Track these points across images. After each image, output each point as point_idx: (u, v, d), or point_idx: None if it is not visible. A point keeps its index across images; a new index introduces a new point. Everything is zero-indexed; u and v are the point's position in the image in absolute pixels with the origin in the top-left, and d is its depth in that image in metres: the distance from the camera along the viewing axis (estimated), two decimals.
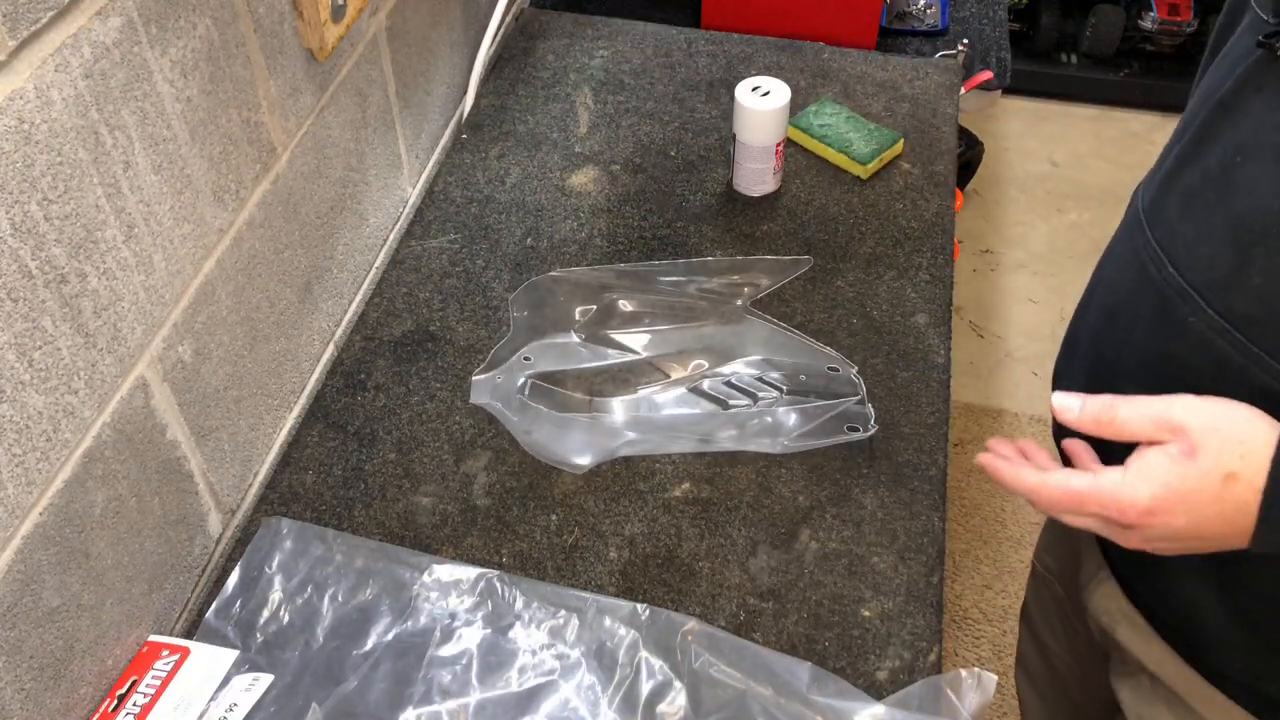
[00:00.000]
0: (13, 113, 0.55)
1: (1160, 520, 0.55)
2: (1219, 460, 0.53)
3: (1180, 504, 0.54)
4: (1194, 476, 0.53)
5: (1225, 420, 0.54)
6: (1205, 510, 0.53)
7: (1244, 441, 0.53)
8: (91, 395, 0.65)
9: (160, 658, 0.73)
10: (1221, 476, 0.53)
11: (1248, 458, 0.52)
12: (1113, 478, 0.56)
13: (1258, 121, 0.59)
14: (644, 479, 0.87)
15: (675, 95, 1.23)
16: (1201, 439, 0.53)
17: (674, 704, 0.72)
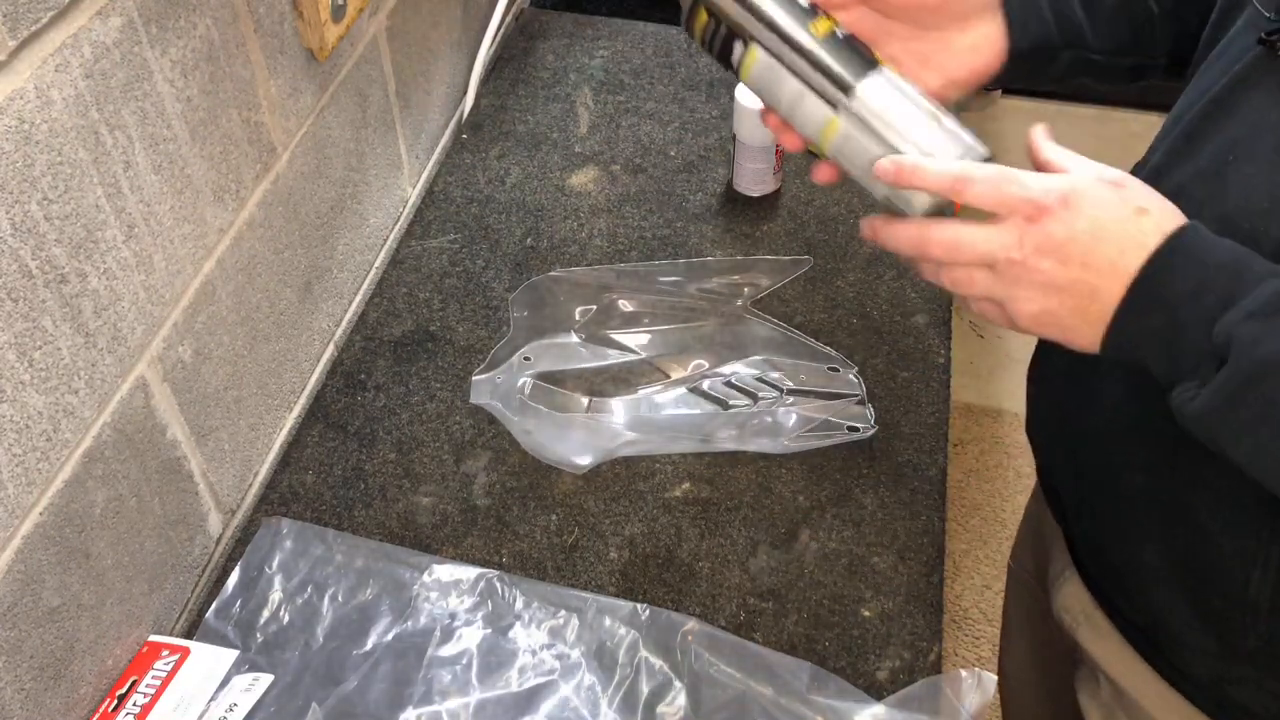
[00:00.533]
0: (13, 112, 0.55)
1: (1068, 214, 0.55)
2: (1138, 196, 0.55)
3: (1091, 204, 0.55)
4: (1112, 195, 0.55)
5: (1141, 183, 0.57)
6: (1109, 223, 0.55)
7: (1164, 203, 0.56)
8: (92, 395, 0.65)
9: (160, 658, 0.73)
10: (1134, 207, 0.55)
11: (1162, 208, 0.55)
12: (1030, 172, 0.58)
13: (1255, 119, 0.59)
14: (644, 479, 0.87)
15: (675, 95, 1.23)
16: (1128, 180, 0.56)
17: (674, 704, 0.72)
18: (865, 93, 0.62)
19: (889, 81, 0.62)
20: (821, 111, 0.63)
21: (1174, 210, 0.56)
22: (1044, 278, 0.56)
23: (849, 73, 0.62)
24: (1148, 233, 0.54)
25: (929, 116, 0.62)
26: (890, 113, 0.62)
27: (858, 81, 0.62)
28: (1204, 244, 0.54)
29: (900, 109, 0.62)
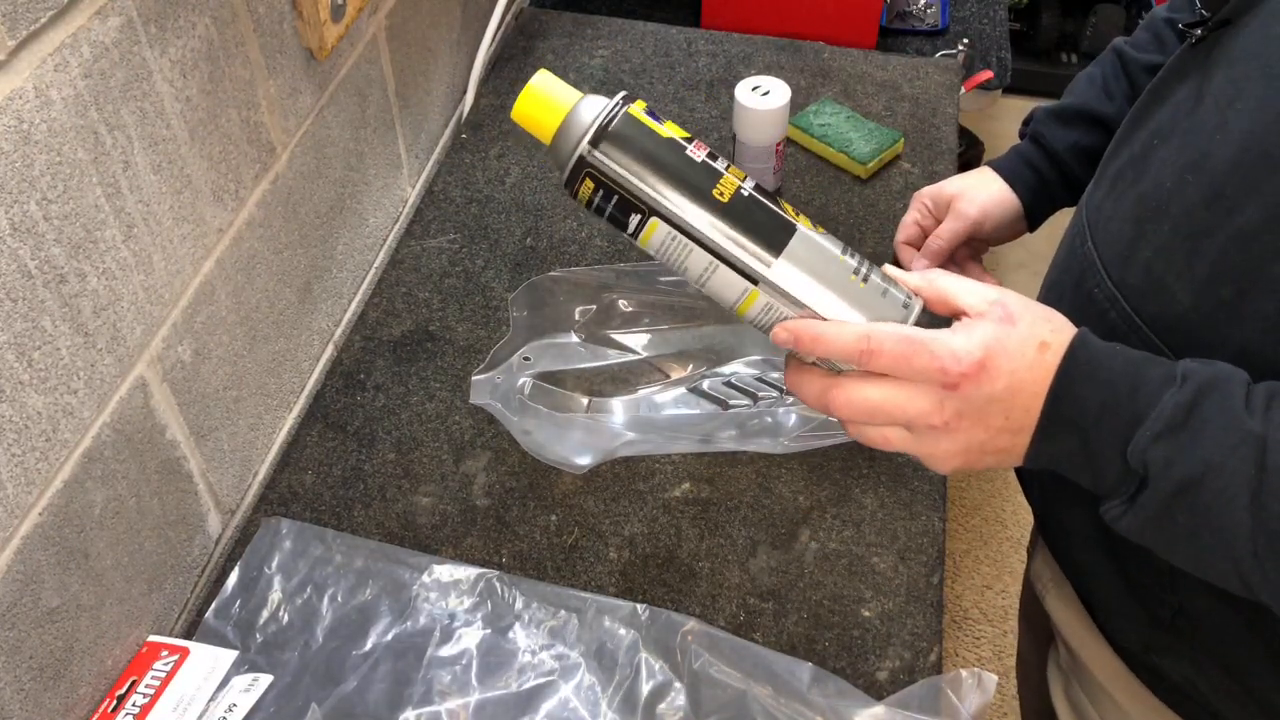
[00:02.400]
0: (12, 112, 0.55)
1: (986, 377, 0.54)
2: (1034, 329, 0.55)
3: (1005, 361, 0.54)
4: (1015, 339, 0.55)
5: (1037, 305, 0.57)
6: (1023, 374, 0.54)
7: (1051, 319, 0.56)
8: (91, 395, 0.65)
9: (160, 658, 0.73)
10: (1037, 344, 0.55)
11: (1057, 332, 0.55)
12: (944, 333, 0.56)
13: (1174, 106, 0.62)
14: (644, 479, 0.87)
15: (675, 95, 1.23)
16: (1017, 310, 0.56)
17: (674, 704, 0.72)
18: (784, 263, 0.57)
19: (808, 244, 0.58)
20: (738, 285, 0.58)
21: (1063, 323, 0.57)
22: (965, 438, 0.56)
23: (766, 246, 0.58)
24: (1052, 365, 0.55)
25: (852, 277, 0.58)
26: (810, 280, 0.57)
27: (776, 256, 0.57)
28: (1096, 359, 0.55)
29: (822, 274, 0.57)
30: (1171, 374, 0.53)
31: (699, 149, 0.59)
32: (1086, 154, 0.85)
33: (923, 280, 0.59)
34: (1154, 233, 0.60)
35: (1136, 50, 0.84)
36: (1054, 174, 0.87)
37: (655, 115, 0.60)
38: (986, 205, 0.87)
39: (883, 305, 0.58)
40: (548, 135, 0.61)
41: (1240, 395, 0.51)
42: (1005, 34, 1.54)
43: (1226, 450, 0.50)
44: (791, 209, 0.60)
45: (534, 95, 0.61)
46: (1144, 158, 0.63)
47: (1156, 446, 0.52)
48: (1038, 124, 0.89)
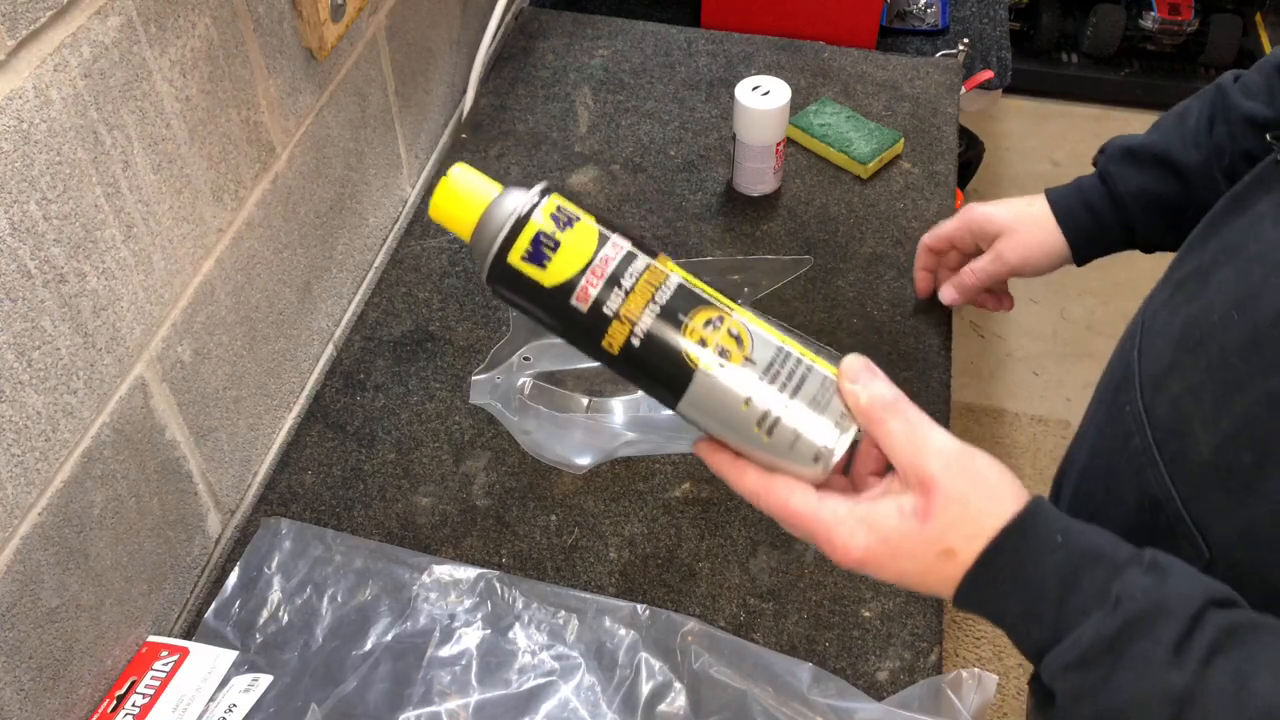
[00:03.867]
0: (12, 112, 0.55)
1: (869, 569, 0.52)
2: (945, 534, 0.50)
3: (891, 560, 0.51)
4: (915, 540, 0.50)
5: (975, 493, 0.50)
6: (911, 574, 0.51)
7: (978, 521, 0.50)
8: (90, 395, 0.65)
9: (159, 658, 0.73)
10: (941, 550, 0.50)
11: (972, 540, 0.50)
12: (835, 511, 0.52)
13: (1247, 225, 0.57)
14: (644, 479, 0.87)
15: (675, 95, 1.23)
16: (940, 507, 0.50)
17: (674, 705, 0.72)
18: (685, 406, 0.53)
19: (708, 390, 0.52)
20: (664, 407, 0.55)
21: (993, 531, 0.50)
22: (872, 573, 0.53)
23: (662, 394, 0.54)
24: (955, 574, 0.50)
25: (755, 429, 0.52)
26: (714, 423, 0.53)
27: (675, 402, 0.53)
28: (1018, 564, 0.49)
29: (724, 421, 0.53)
30: (1106, 590, 0.47)
31: (590, 285, 0.52)
32: (1156, 203, 0.79)
33: (864, 413, 0.51)
34: (1190, 367, 0.56)
35: (1244, 95, 0.74)
36: (1113, 218, 0.81)
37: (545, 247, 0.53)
38: (1030, 253, 0.84)
39: (788, 458, 0.52)
40: (466, 238, 0.56)
41: (1171, 639, 0.45)
42: (1005, 34, 1.54)
43: (1138, 704, 0.46)
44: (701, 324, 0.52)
45: (448, 192, 0.55)
46: (1205, 275, 0.59)
47: (1066, 676, 0.48)
48: (1108, 160, 0.82)
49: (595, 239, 0.53)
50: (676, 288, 0.53)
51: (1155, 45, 2.56)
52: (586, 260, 0.52)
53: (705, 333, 0.52)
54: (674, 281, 0.53)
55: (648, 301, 0.52)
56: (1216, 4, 2.54)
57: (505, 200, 0.54)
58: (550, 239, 0.53)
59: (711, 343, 0.52)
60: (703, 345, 0.52)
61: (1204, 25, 2.52)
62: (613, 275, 0.52)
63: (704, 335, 0.52)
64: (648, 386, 0.55)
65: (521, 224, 0.53)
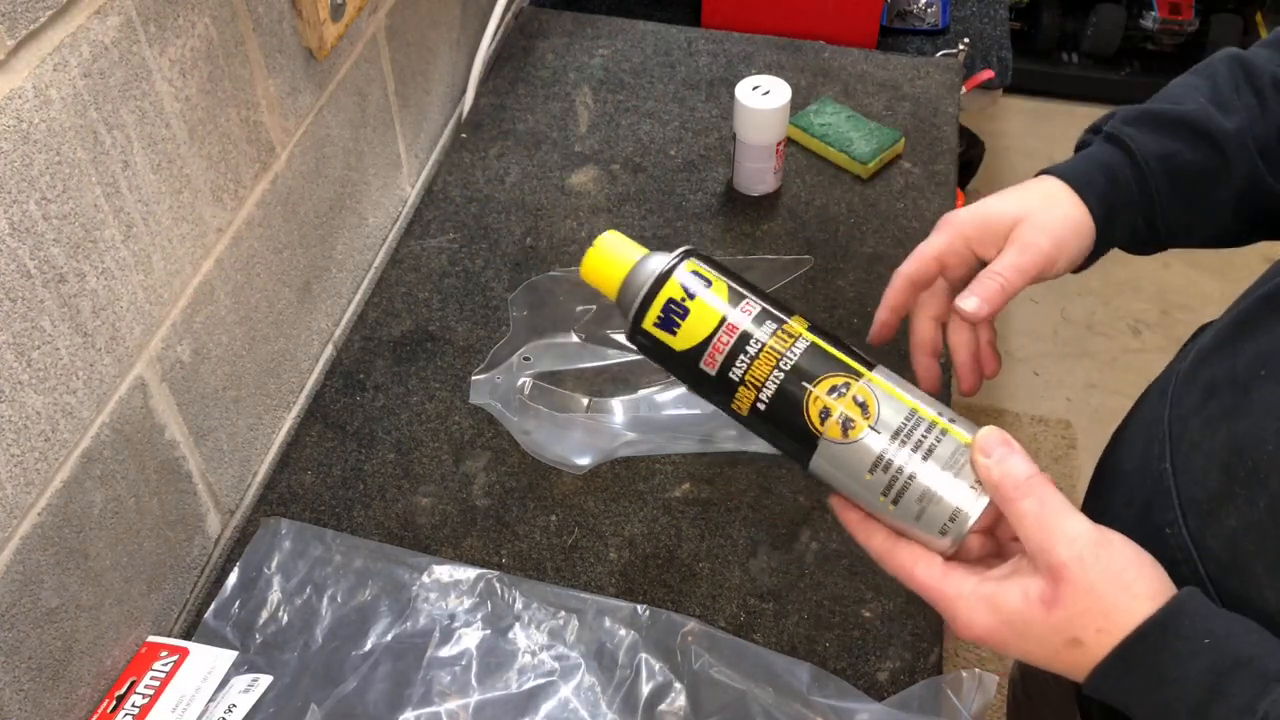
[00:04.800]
0: (11, 112, 0.55)
1: (991, 644, 0.50)
2: (1073, 624, 0.48)
3: (1015, 640, 0.49)
4: (1040, 627, 0.48)
5: (1108, 586, 0.47)
6: (1037, 656, 0.49)
7: (1109, 616, 0.47)
8: (90, 395, 0.65)
9: (159, 658, 0.73)
10: (1068, 639, 0.48)
11: (1101, 634, 0.47)
12: (959, 586, 0.51)
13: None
14: (644, 479, 0.87)
15: (675, 94, 1.23)
16: (1068, 597, 0.47)
17: (674, 705, 0.71)
18: (814, 467, 0.54)
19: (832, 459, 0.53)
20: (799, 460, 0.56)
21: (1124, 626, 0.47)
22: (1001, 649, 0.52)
23: (791, 455, 0.55)
24: (1081, 664, 0.48)
25: (881, 498, 0.52)
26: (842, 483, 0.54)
27: (804, 465, 0.54)
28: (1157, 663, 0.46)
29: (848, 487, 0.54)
30: (1252, 708, 0.44)
31: (718, 351, 0.54)
32: (1185, 173, 0.64)
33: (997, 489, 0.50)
34: (1246, 502, 0.51)
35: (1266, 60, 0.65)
36: (1136, 187, 0.65)
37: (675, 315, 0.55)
38: (1062, 233, 0.62)
39: (915, 526, 0.52)
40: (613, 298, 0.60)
41: None
42: (1006, 33, 1.53)
43: None
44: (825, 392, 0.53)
45: (596, 256, 0.60)
46: (1246, 386, 0.53)
47: None
48: (1120, 124, 0.67)
49: (725, 304, 0.55)
50: (802, 353, 0.54)
51: (1156, 45, 2.56)
52: (715, 325, 0.55)
53: (829, 400, 0.53)
54: (800, 347, 0.54)
55: (772, 368, 0.54)
56: (1217, 4, 2.54)
57: (644, 266, 0.57)
58: (680, 306, 0.55)
59: (835, 410, 0.52)
60: (826, 414, 0.53)
61: (1204, 25, 2.52)
62: (739, 341, 0.54)
63: (827, 403, 0.53)
64: (779, 446, 0.56)
65: (654, 292, 0.56)
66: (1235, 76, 0.65)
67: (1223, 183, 0.63)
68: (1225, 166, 0.63)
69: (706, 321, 0.55)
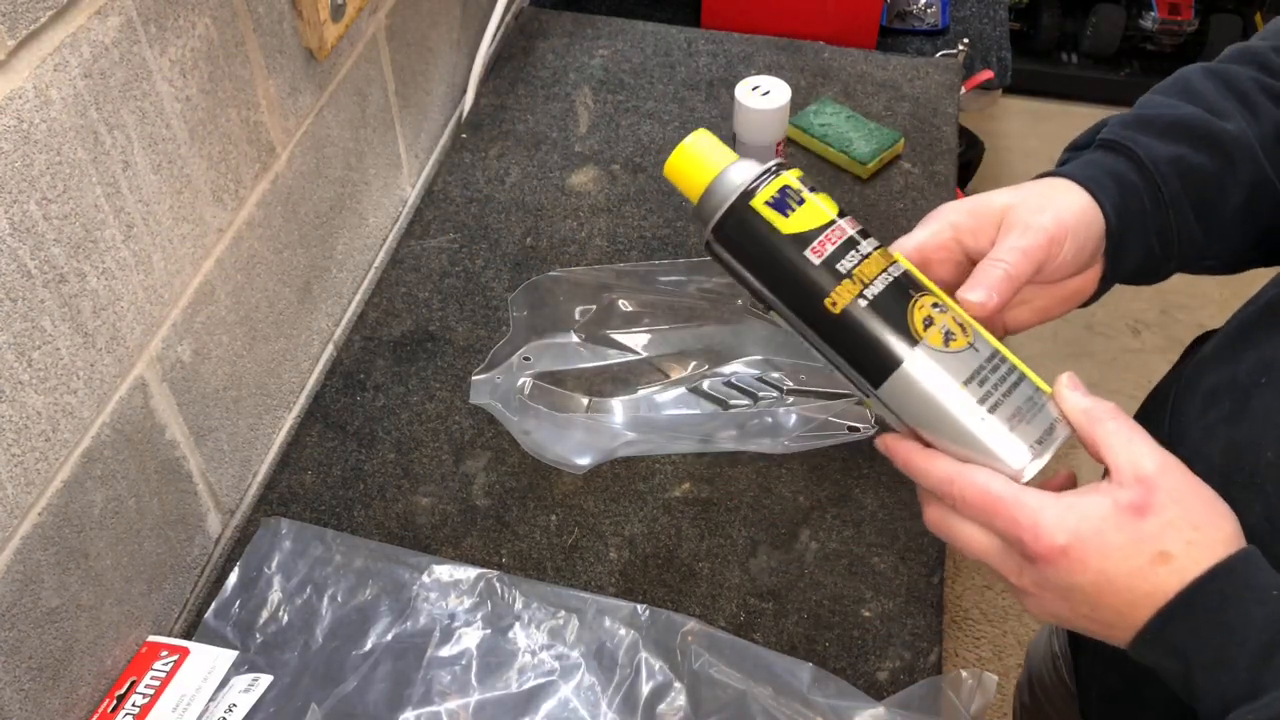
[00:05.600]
0: (11, 112, 0.55)
1: (1067, 565, 0.47)
2: (1163, 534, 0.46)
3: (1098, 555, 0.47)
4: (1128, 538, 0.46)
5: (1195, 498, 0.47)
6: (1119, 579, 0.47)
7: (1199, 528, 0.46)
8: (90, 395, 0.65)
9: (159, 658, 0.73)
10: (1157, 552, 0.46)
11: (1193, 545, 0.46)
12: (1039, 499, 0.48)
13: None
14: (644, 479, 0.87)
15: (675, 95, 1.23)
16: (1160, 503, 0.46)
17: (674, 705, 0.72)
18: (889, 390, 0.53)
19: (925, 370, 0.52)
20: (854, 387, 0.56)
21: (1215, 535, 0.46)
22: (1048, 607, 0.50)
23: (868, 374, 0.54)
24: (1165, 582, 0.46)
25: (975, 408, 0.52)
26: (919, 407, 0.53)
27: (876, 386, 0.54)
28: (1238, 595, 0.45)
29: (932, 404, 0.52)
30: None
31: (828, 242, 0.54)
32: (1194, 176, 0.60)
33: (1084, 414, 0.49)
34: (1244, 507, 0.50)
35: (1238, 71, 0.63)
36: (1149, 197, 0.60)
37: (790, 200, 0.55)
38: (1063, 216, 0.57)
39: (1002, 444, 0.51)
40: (694, 197, 0.59)
41: None
42: (1005, 34, 1.54)
43: None
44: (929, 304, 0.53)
45: (685, 155, 0.58)
46: (1245, 393, 0.53)
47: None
48: (1119, 129, 0.62)
49: (834, 211, 0.55)
50: (905, 271, 0.55)
51: (1155, 45, 2.56)
52: (826, 221, 0.55)
53: (934, 312, 0.53)
54: (902, 267, 0.55)
55: (881, 271, 0.54)
56: (1216, 4, 2.54)
57: (745, 163, 0.57)
58: (796, 195, 0.55)
59: (939, 321, 0.53)
60: (930, 322, 0.53)
61: (1204, 25, 2.52)
62: (849, 240, 0.54)
63: (932, 314, 0.53)
64: (857, 356, 0.54)
65: (772, 175, 0.55)
66: (1214, 86, 0.63)
67: (1230, 188, 0.61)
68: (1231, 170, 0.61)
69: (820, 215, 0.55)
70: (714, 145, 0.58)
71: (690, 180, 0.58)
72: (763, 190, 0.55)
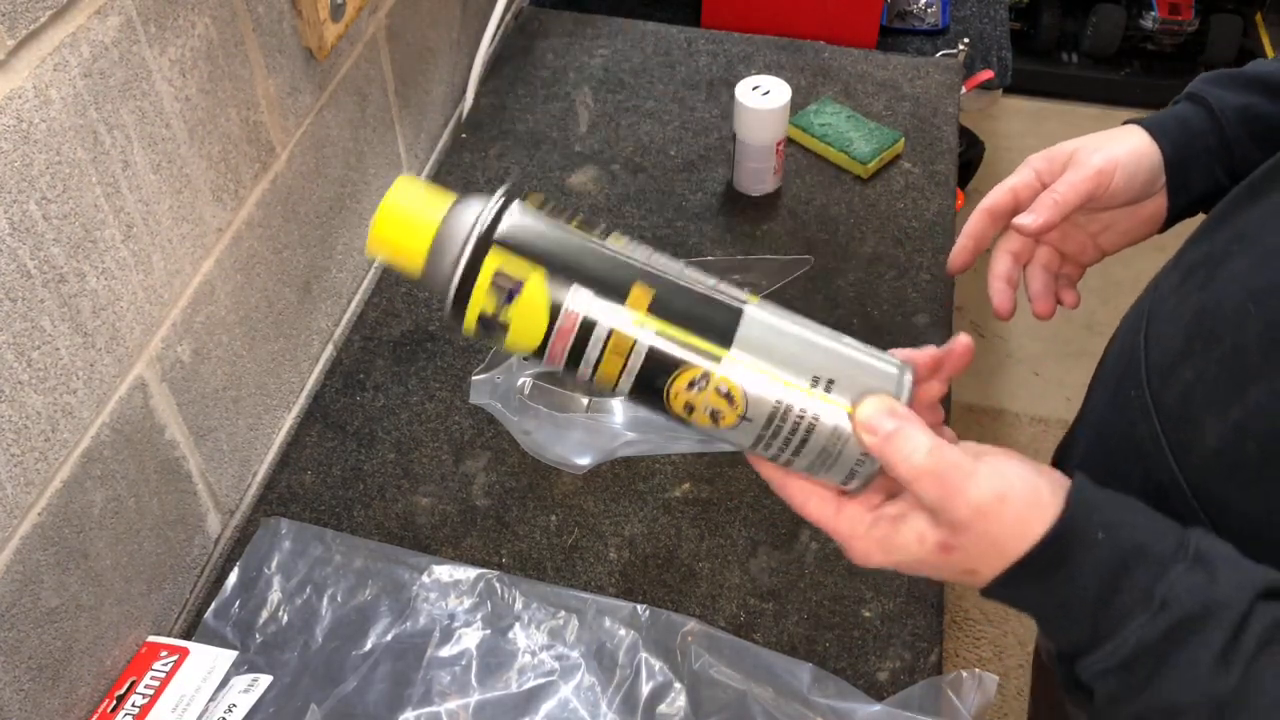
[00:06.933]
0: (11, 112, 0.55)
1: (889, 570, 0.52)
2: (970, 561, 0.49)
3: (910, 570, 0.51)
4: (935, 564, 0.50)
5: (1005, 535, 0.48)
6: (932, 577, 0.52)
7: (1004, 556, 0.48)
8: (90, 395, 0.65)
9: (159, 658, 0.73)
10: (964, 570, 0.50)
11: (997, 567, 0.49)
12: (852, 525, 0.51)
13: (1262, 215, 0.56)
14: (644, 479, 0.87)
15: (675, 94, 1.23)
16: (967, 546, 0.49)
17: (674, 705, 0.71)
18: None
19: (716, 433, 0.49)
20: None
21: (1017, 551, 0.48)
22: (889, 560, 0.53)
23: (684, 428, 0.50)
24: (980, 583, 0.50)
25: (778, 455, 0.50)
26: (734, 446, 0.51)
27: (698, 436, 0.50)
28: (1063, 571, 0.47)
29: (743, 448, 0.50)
30: (1150, 593, 0.45)
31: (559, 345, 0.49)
32: (1261, 124, 0.67)
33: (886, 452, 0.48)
34: (1202, 356, 0.55)
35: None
36: (1215, 137, 0.68)
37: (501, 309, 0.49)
38: (1116, 153, 0.67)
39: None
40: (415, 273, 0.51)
41: (1219, 643, 0.44)
42: (1006, 33, 1.54)
43: (1180, 708, 0.45)
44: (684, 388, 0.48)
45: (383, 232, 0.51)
46: (1218, 262, 0.58)
47: (1106, 679, 0.47)
48: (1200, 84, 0.71)
49: (546, 309, 0.48)
50: (646, 354, 0.48)
51: (1155, 45, 2.56)
52: (544, 331, 0.48)
53: (691, 396, 0.48)
54: (644, 346, 0.48)
55: (620, 371, 0.48)
56: (1216, 4, 2.54)
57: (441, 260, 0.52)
58: (497, 320, 0.49)
59: (700, 404, 0.48)
60: (690, 410, 0.48)
61: (1204, 25, 2.52)
62: (573, 349, 0.48)
63: (689, 399, 0.48)
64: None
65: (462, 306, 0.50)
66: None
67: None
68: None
69: (536, 326, 0.48)
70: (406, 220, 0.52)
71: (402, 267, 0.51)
72: (465, 322, 0.50)
